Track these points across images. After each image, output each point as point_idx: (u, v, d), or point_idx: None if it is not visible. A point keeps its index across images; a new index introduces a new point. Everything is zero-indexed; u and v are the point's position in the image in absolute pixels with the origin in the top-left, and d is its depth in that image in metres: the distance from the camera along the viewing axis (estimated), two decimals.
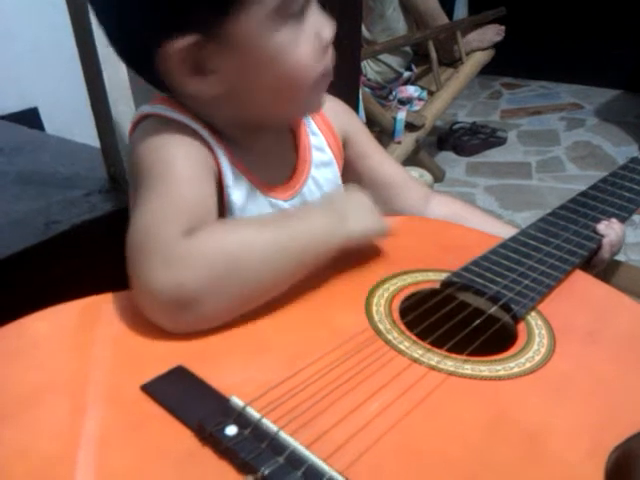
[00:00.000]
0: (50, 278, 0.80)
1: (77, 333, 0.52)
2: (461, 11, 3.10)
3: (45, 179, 0.99)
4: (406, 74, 2.22)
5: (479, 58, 2.24)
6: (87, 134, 1.10)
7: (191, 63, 0.55)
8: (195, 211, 0.54)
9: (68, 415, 0.43)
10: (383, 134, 2.02)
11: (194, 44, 0.54)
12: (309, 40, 0.57)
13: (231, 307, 0.51)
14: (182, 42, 0.53)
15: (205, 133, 0.60)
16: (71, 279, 0.80)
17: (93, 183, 0.96)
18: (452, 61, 2.24)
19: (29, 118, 1.70)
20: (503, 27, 2.24)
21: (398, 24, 2.14)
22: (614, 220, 0.70)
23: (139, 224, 0.52)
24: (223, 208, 0.62)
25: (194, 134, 0.60)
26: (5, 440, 0.40)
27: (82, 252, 0.84)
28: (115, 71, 0.88)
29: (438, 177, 2.23)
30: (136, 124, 0.63)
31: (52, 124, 1.73)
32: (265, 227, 0.55)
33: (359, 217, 0.60)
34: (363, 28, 2.10)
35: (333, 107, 0.76)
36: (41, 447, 0.39)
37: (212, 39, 0.54)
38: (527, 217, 1.92)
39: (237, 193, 0.62)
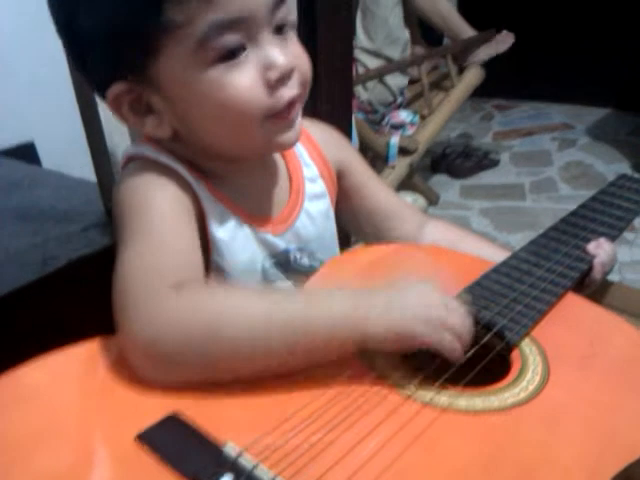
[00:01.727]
0: (49, 314, 0.80)
1: (73, 382, 0.52)
2: None
3: (42, 214, 0.99)
4: (398, 99, 2.24)
5: (470, 81, 2.27)
6: (84, 168, 1.12)
7: (132, 107, 0.59)
8: (179, 264, 0.55)
9: (65, 466, 0.43)
10: (377, 159, 2.03)
11: (127, 90, 0.58)
12: (249, 75, 0.56)
13: (204, 372, 0.49)
14: (116, 88, 0.58)
15: (186, 173, 0.61)
16: (70, 315, 0.81)
17: (90, 217, 0.96)
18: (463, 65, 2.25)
19: (26, 152, 1.71)
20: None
21: (399, 31, 2.16)
22: (603, 240, 0.69)
23: (124, 273, 0.53)
24: (208, 246, 0.62)
25: (176, 176, 0.61)
26: None
27: (80, 287, 0.85)
28: None
29: (432, 200, 2.25)
30: (124, 166, 0.65)
31: (49, 158, 1.74)
32: (258, 299, 0.52)
33: (398, 312, 0.50)
34: (365, 38, 2.12)
35: (326, 136, 0.76)
36: None
37: (141, 83, 0.58)
38: (522, 238, 1.93)
39: (222, 230, 0.63)
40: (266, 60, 0.57)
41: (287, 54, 0.58)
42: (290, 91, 0.59)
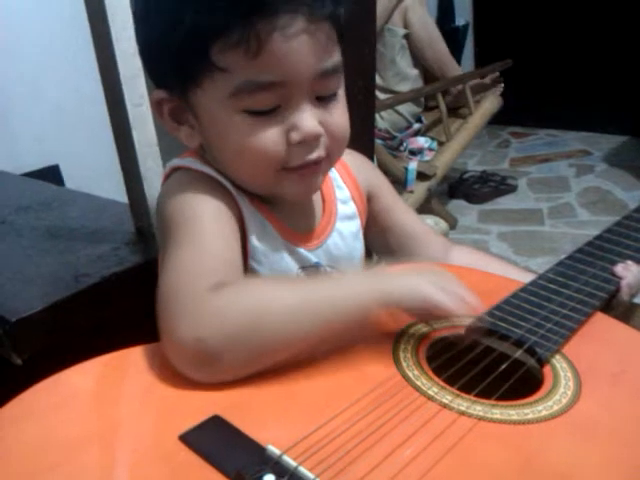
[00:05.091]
0: (81, 330, 0.82)
1: (114, 385, 0.54)
2: (468, 64, 3.18)
3: (73, 234, 1.01)
4: (416, 125, 2.27)
5: (488, 108, 2.29)
6: (105, 189, 1.14)
7: (172, 114, 0.65)
8: (221, 267, 0.57)
9: (109, 465, 0.44)
10: (395, 183, 2.06)
11: (168, 99, 0.64)
12: (274, 133, 0.59)
13: (251, 364, 0.51)
14: (158, 93, 0.64)
15: (229, 184, 0.64)
16: (101, 331, 0.82)
17: (120, 237, 0.98)
18: (457, 107, 2.30)
19: (50, 175, 1.74)
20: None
21: (408, 69, 2.22)
22: (630, 262, 0.70)
23: (168, 278, 0.55)
24: (246, 254, 0.64)
25: (219, 186, 0.64)
26: None
27: (112, 304, 0.86)
28: (143, 130, 0.92)
29: (451, 225, 2.26)
30: (167, 176, 0.68)
31: (72, 181, 1.78)
32: (292, 287, 0.55)
33: (410, 277, 0.57)
34: (375, 75, 2.17)
35: (357, 162, 0.80)
36: None
37: (180, 99, 0.62)
38: (542, 263, 1.93)
39: (260, 240, 0.65)
40: (293, 123, 0.59)
41: (316, 120, 0.60)
42: (310, 155, 0.61)
